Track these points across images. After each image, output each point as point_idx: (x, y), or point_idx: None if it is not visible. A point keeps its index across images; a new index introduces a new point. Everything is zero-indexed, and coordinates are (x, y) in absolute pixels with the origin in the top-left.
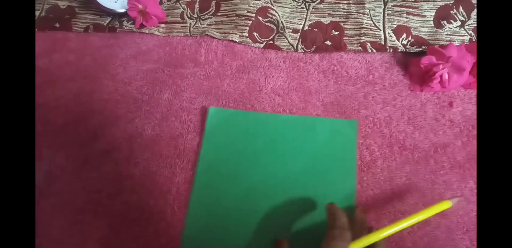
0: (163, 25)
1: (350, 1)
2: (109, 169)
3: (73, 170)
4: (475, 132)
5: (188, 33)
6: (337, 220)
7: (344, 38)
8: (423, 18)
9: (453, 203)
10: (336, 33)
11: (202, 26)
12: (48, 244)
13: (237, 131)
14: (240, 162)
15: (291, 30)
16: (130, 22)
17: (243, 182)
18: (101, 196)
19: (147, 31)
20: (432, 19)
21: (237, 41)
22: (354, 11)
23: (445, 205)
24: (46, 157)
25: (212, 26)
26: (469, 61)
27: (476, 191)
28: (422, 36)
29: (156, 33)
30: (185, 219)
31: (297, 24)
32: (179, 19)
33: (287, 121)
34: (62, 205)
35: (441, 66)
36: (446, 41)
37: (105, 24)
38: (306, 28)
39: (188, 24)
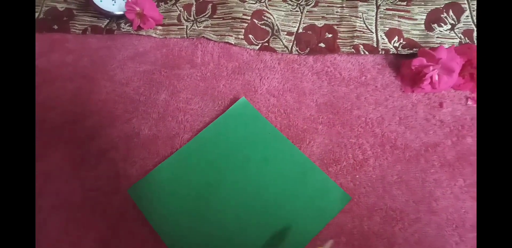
0: (160, 27)
1: (344, 5)
2: (106, 168)
3: (70, 169)
4: (464, 132)
5: (185, 35)
6: None
7: (338, 40)
8: (415, 22)
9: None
10: (330, 35)
11: (199, 28)
12: (45, 242)
13: (246, 131)
14: (226, 157)
15: (285, 33)
16: (127, 24)
17: (217, 173)
18: (98, 194)
19: (144, 33)
20: (423, 22)
21: (233, 43)
22: (347, 14)
23: None
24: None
25: (209, 29)
26: (458, 63)
27: (465, 189)
28: (413, 38)
29: (153, 35)
30: (148, 173)
31: (292, 26)
32: (176, 21)
33: (295, 155)
34: (60, 204)
35: (431, 68)
36: (437, 43)
37: (103, 26)
38: (300, 30)
39: (185, 27)
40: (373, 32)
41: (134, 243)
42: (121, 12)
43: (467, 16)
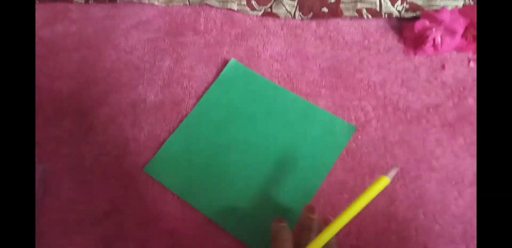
0: None
1: None
2: (115, 133)
3: (80, 134)
4: (466, 93)
5: (187, 3)
6: (280, 244)
7: (341, 4)
8: None
9: (392, 177)
10: (333, 0)
11: None
12: (59, 203)
13: (244, 90)
14: (233, 117)
15: None
16: None
17: (228, 135)
18: (109, 158)
19: (147, 1)
20: None
21: (236, 9)
22: None
23: (384, 182)
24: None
25: None
26: (461, 24)
27: (464, 147)
28: (416, 2)
29: (156, 3)
30: (160, 149)
31: None
32: None
33: (293, 101)
34: (72, 167)
35: (434, 29)
36: (440, 7)
37: None
38: None
39: None
40: None
41: (144, 203)
42: None
43: None
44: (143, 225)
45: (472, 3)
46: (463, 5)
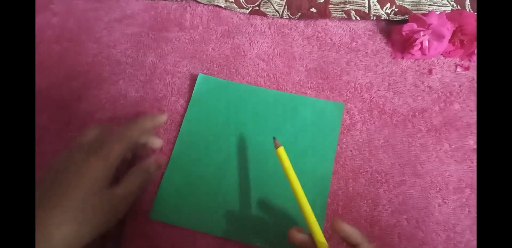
0: None
1: None
2: None
3: (57, 130)
4: (452, 98)
5: None
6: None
7: (329, 5)
8: None
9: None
10: (322, 0)
11: None
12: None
13: (223, 100)
14: (222, 131)
15: None
16: None
17: (222, 151)
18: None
19: None
20: None
21: (223, 6)
22: None
23: (282, 151)
24: None
25: None
26: (448, 28)
27: (450, 153)
28: (405, 6)
29: None
30: (159, 188)
31: None
32: None
33: (275, 97)
34: (46, 165)
35: (421, 33)
36: (429, 11)
37: None
38: None
39: None
40: None
41: None
42: None
43: None
44: None
45: (459, 8)
46: (451, 10)
